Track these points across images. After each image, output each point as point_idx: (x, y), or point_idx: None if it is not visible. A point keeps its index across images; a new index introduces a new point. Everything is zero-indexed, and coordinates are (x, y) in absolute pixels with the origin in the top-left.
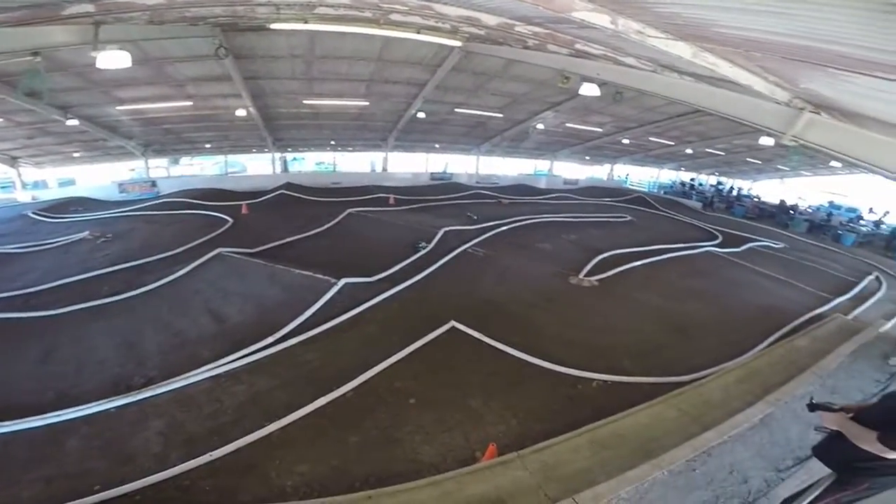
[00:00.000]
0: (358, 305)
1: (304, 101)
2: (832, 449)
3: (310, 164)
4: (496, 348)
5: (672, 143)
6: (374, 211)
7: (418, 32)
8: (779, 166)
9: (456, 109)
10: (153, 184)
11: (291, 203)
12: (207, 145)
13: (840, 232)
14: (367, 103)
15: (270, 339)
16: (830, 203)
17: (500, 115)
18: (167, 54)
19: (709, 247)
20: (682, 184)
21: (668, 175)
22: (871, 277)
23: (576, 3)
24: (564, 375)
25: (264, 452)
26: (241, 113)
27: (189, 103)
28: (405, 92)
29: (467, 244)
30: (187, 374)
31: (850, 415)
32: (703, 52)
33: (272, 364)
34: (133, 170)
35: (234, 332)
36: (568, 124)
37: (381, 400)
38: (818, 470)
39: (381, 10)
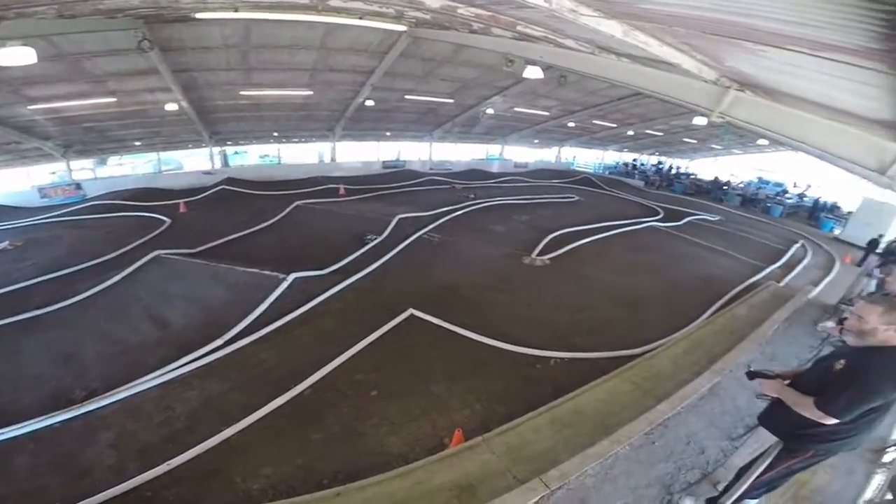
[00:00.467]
0: (310, 300)
1: (242, 93)
2: (775, 416)
3: (253, 157)
4: (456, 333)
5: (614, 126)
6: (324, 202)
7: (361, 18)
8: (713, 145)
9: (406, 96)
10: (77, 186)
11: (234, 198)
12: (137, 143)
13: (769, 205)
14: (310, 93)
15: (219, 342)
16: (759, 178)
17: (451, 101)
18: (83, 49)
19: (652, 222)
20: (626, 164)
21: (612, 156)
22: (797, 245)
23: None
24: (523, 356)
25: (225, 457)
26: (172, 107)
27: (112, 100)
28: (352, 80)
29: (422, 231)
30: (133, 384)
31: (787, 381)
32: (634, 31)
33: (223, 367)
34: (54, 173)
35: (180, 337)
36: (517, 108)
37: (342, 394)
38: (767, 437)
39: None
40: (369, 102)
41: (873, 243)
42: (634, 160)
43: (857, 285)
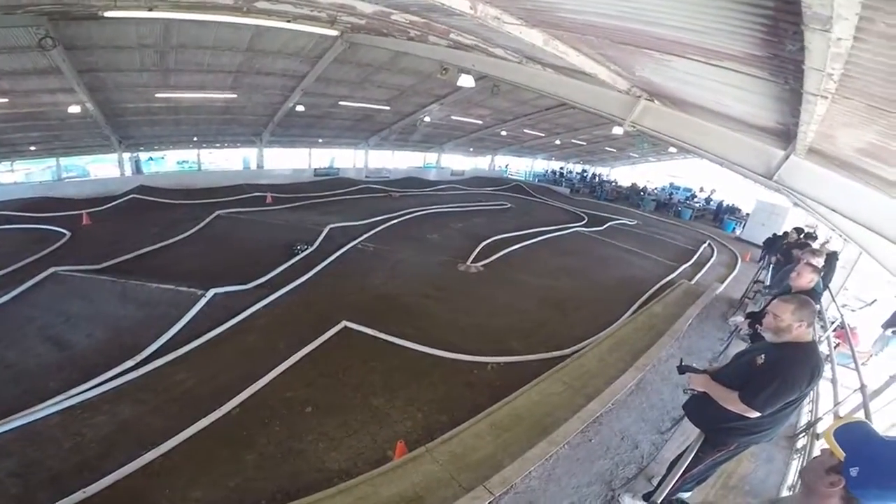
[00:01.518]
0: (233, 316)
1: (158, 95)
2: (700, 409)
3: (171, 163)
4: (393, 343)
5: (543, 135)
6: (249, 211)
7: (289, 22)
8: (631, 154)
9: (340, 102)
10: None
11: (147, 208)
12: (32, 147)
13: (680, 208)
14: (234, 96)
15: (130, 363)
16: (671, 184)
17: (388, 108)
18: None
19: (577, 227)
20: (553, 172)
21: (541, 164)
22: (705, 245)
23: None
24: (461, 362)
25: (148, 482)
26: (74, 110)
27: (3, 100)
28: (281, 84)
29: (355, 240)
30: (31, 410)
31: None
32: (554, 40)
33: (136, 390)
34: None
35: (84, 359)
36: (453, 117)
37: (274, 412)
38: (692, 430)
39: None
40: (300, 108)
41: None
42: (561, 168)
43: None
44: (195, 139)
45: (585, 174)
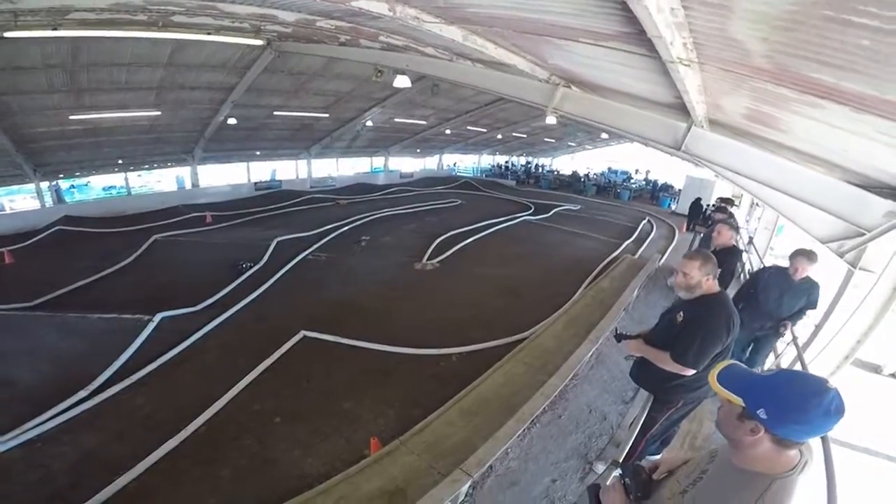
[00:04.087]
0: (186, 338)
1: (73, 117)
2: (643, 373)
3: (97, 190)
4: (356, 347)
5: (485, 130)
6: (188, 233)
7: (211, 34)
8: (569, 143)
9: (275, 112)
10: None
11: (75, 240)
12: None
13: (619, 191)
14: (159, 113)
15: (84, 393)
16: (609, 169)
17: (327, 115)
18: None
19: (525, 216)
20: (499, 166)
21: (487, 160)
22: (644, 221)
23: None
24: (426, 357)
25: None
26: None
27: None
28: (209, 98)
29: (306, 252)
30: None
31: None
32: (472, 35)
33: (95, 418)
34: None
35: (34, 393)
36: (396, 119)
37: (243, 427)
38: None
39: (158, 12)
40: (232, 121)
41: (695, 206)
42: (507, 162)
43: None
44: (120, 162)
45: (529, 165)
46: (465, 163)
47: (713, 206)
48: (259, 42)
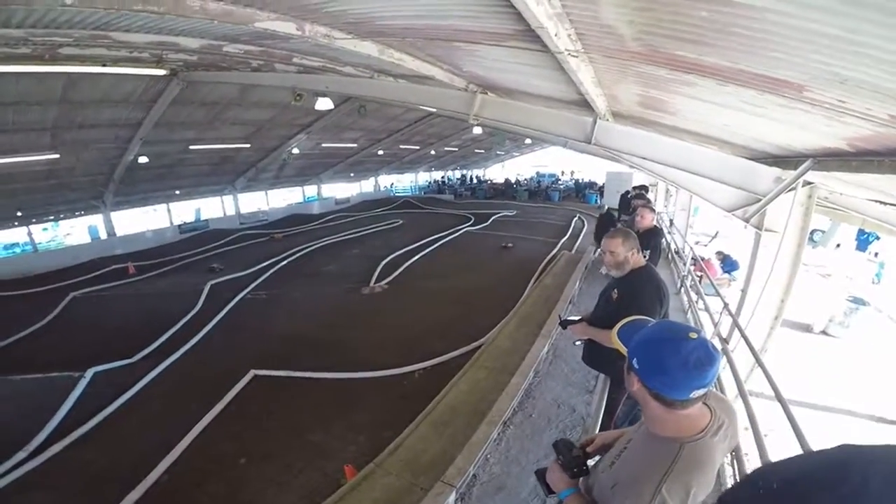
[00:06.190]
0: (125, 391)
1: None
2: (594, 355)
3: None
4: (315, 378)
5: (418, 148)
6: (110, 287)
7: (106, 66)
8: (497, 151)
9: (191, 147)
10: None
11: None
12: None
13: (549, 193)
14: (57, 156)
15: (23, 454)
16: (537, 173)
17: (248, 146)
18: None
19: (466, 227)
20: (437, 182)
21: (424, 177)
22: (576, 219)
23: (257, 14)
24: (389, 378)
25: None
26: None
27: None
28: (113, 135)
29: (244, 291)
30: None
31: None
32: (388, 49)
33: (43, 478)
34: None
35: None
36: (324, 144)
37: (207, 472)
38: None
39: (43, 44)
40: (143, 159)
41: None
42: (443, 177)
43: None
44: (19, 214)
45: (465, 178)
46: (403, 182)
47: (631, 193)
48: (162, 72)
